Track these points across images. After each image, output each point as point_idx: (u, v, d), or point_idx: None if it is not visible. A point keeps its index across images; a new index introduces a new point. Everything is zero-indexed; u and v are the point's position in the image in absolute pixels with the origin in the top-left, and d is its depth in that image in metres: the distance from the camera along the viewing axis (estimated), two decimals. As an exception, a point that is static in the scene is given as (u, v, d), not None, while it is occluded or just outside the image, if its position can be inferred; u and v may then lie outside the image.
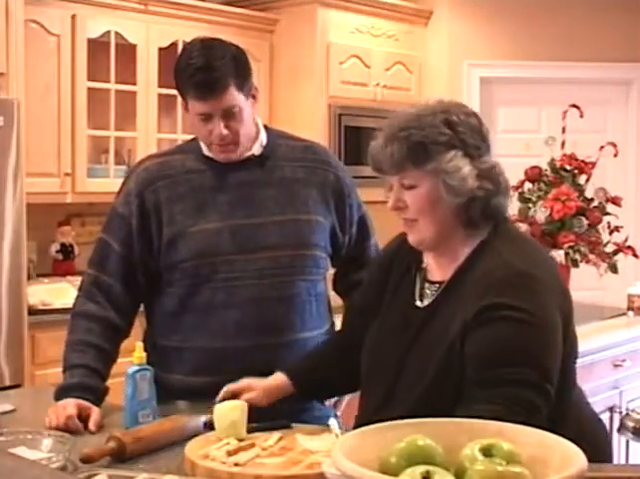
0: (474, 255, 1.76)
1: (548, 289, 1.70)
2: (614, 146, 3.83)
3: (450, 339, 1.69)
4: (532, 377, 1.62)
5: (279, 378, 2.02)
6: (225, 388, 1.97)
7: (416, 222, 1.77)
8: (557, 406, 1.70)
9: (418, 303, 1.81)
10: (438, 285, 1.80)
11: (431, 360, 1.71)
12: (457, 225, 1.76)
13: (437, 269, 1.82)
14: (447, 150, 1.71)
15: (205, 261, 2.11)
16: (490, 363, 1.64)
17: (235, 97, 2.09)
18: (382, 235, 2.46)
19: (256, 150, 2.21)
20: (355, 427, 1.74)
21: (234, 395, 1.95)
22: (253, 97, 2.17)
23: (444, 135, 1.71)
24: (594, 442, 1.78)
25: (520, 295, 1.65)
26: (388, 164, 1.75)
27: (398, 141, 1.72)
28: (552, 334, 1.68)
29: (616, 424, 2.51)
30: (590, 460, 1.23)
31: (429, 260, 1.85)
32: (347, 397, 2.34)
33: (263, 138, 2.23)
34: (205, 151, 2.20)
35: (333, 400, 2.24)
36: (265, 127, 2.27)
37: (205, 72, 2.05)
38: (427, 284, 1.83)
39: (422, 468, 1.20)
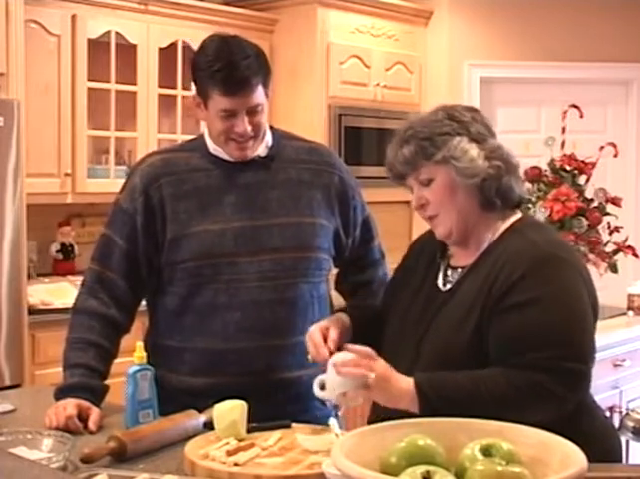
0: (497, 242, 1.83)
1: (576, 272, 1.78)
2: (614, 146, 3.83)
3: (475, 319, 1.75)
4: (554, 362, 1.67)
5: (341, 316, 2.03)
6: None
7: (438, 215, 1.84)
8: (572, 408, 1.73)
9: (441, 288, 1.89)
10: (460, 270, 1.87)
11: (453, 338, 1.77)
12: (476, 208, 1.83)
13: (460, 257, 1.89)
14: (451, 137, 1.80)
15: (208, 263, 2.11)
16: (513, 350, 1.70)
17: (261, 95, 2.10)
18: (384, 234, 2.46)
19: (262, 151, 2.19)
20: (369, 421, 1.81)
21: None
22: (267, 95, 2.16)
23: (447, 125, 1.81)
24: (604, 444, 1.81)
25: (549, 277, 1.73)
26: (402, 164, 1.83)
27: (406, 141, 1.82)
28: (578, 311, 1.73)
29: (616, 424, 2.51)
30: (600, 462, 1.24)
31: (453, 249, 1.91)
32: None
33: (269, 139, 2.21)
34: (212, 149, 2.19)
35: (334, 401, 2.23)
36: (270, 127, 2.25)
37: (234, 69, 2.04)
38: (450, 271, 1.90)
39: (422, 468, 1.20)
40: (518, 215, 1.88)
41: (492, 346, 1.73)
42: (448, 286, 1.87)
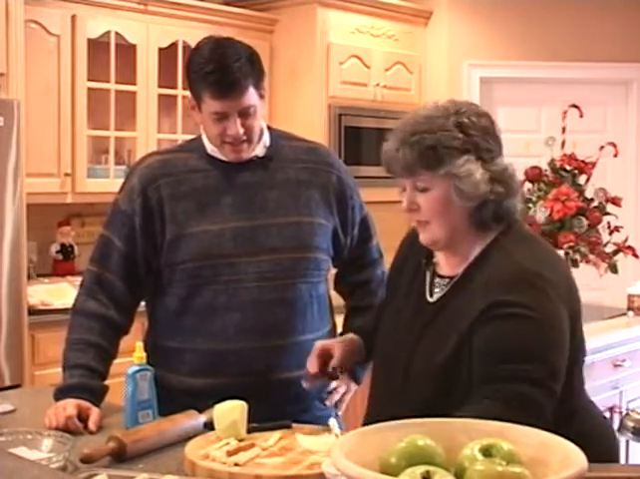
0: (484, 254, 1.78)
1: (555, 288, 1.71)
2: (614, 146, 3.83)
3: (458, 337, 1.71)
4: (535, 374, 1.63)
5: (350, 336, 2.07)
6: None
7: (428, 223, 1.79)
8: (564, 407, 1.71)
9: (428, 298, 1.84)
10: (447, 280, 1.82)
11: (438, 355, 1.73)
12: (468, 226, 1.78)
13: (447, 265, 1.84)
14: (459, 154, 1.71)
15: (207, 263, 2.11)
16: (494, 359, 1.65)
17: (253, 97, 2.09)
18: (384, 234, 2.46)
19: (260, 151, 2.19)
20: (364, 423, 1.77)
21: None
22: (262, 96, 2.16)
23: (456, 139, 1.72)
24: (601, 444, 1.79)
25: (527, 293, 1.67)
26: (400, 167, 1.76)
27: (410, 145, 1.73)
28: (558, 332, 1.69)
29: (616, 424, 2.51)
30: (597, 462, 1.23)
31: (439, 256, 1.87)
32: (348, 398, 2.33)
33: (266, 139, 2.22)
34: (209, 150, 2.19)
35: (334, 400, 2.23)
36: (268, 127, 2.26)
37: (225, 72, 2.04)
38: (436, 279, 1.85)
39: (422, 468, 1.20)
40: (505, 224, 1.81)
41: (474, 358, 1.68)
42: (435, 297, 1.82)
